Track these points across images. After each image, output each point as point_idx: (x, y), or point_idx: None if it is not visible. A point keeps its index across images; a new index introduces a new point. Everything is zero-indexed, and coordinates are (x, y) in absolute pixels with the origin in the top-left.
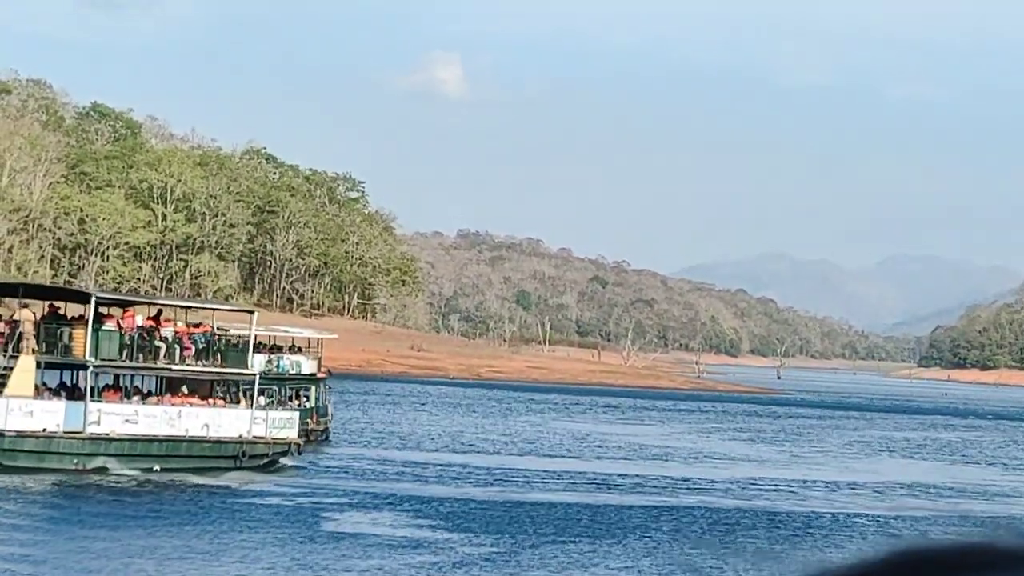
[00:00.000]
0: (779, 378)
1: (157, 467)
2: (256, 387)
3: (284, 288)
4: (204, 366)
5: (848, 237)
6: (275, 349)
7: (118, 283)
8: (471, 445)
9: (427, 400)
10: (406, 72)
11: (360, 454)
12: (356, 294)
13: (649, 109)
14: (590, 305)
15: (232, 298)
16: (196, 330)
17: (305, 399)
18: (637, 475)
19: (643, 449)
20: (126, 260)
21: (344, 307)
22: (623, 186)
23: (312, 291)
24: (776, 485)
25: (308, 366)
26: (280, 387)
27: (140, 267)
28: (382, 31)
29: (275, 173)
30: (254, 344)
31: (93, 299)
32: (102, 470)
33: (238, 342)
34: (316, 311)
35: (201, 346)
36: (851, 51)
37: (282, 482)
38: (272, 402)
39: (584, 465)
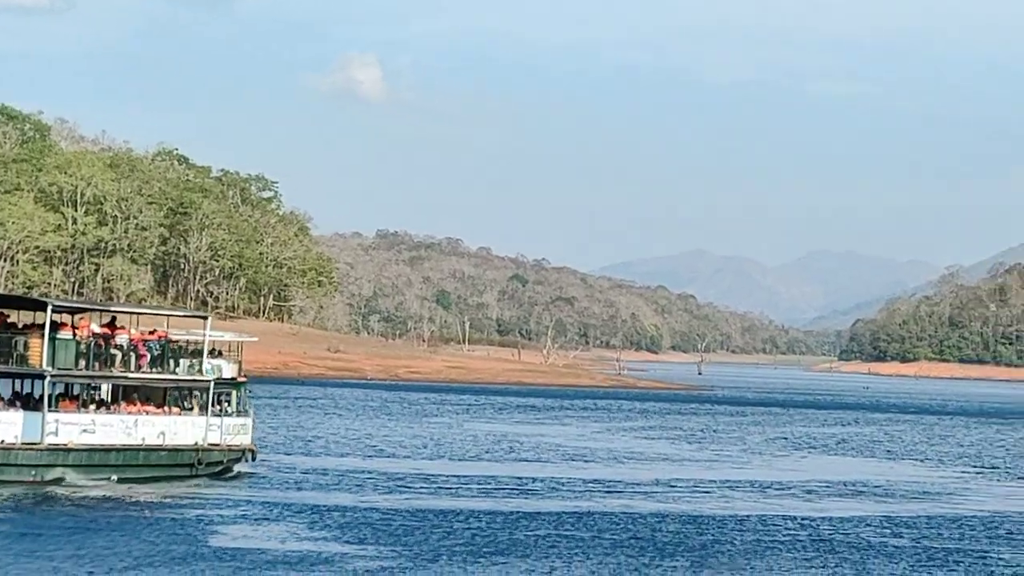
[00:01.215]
0: (700, 374)
1: (114, 477)
2: (211, 394)
3: (198, 291)
4: (158, 373)
5: (768, 233)
6: (196, 354)
7: (28, 288)
8: (380, 450)
9: (341, 403)
10: (323, 73)
11: (266, 459)
12: (272, 296)
13: (570, 109)
14: (510, 304)
15: (145, 302)
16: (151, 337)
17: (226, 404)
18: (554, 478)
19: (561, 450)
20: (36, 264)
21: (260, 309)
22: (542, 185)
23: (227, 293)
24: (699, 486)
25: (229, 370)
26: (202, 393)
27: (51, 271)
28: (299, 32)
29: (188, 174)
30: (176, 349)
31: (50, 307)
32: (59, 481)
33: (191, 348)
34: (231, 313)
35: (156, 353)
36: (773, 49)
37: (188, 493)
38: (193, 408)
39: (499, 468)
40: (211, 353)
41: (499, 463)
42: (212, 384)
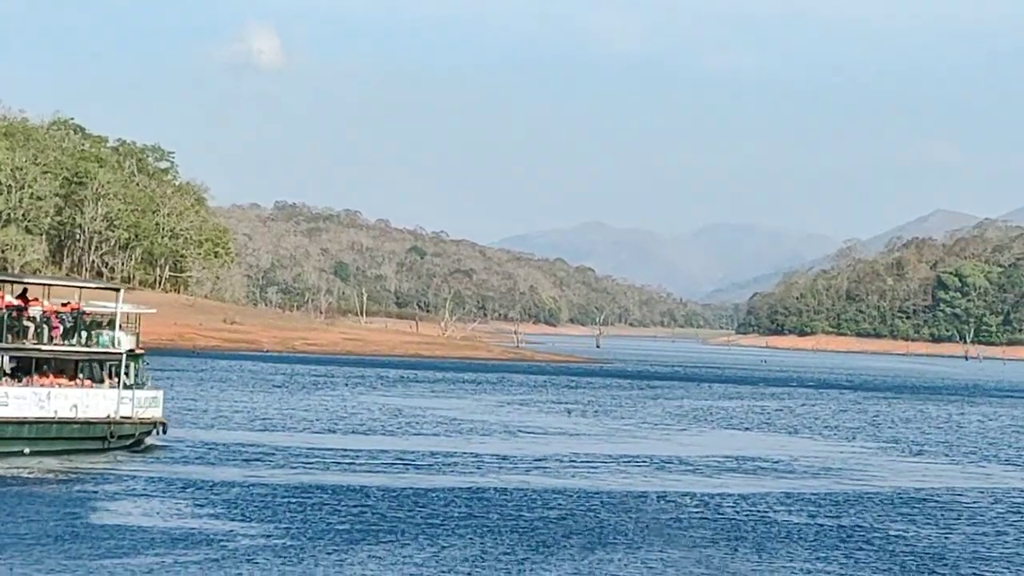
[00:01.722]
0: (598, 347)
1: (27, 450)
2: (123, 366)
3: (93, 261)
4: (71, 345)
5: (666, 206)
6: (95, 325)
7: None
8: (273, 423)
9: (235, 375)
10: (221, 43)
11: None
12: (167, 267)
13: (467, 81)
14: (409, 276)
15: (39, 272)
16: (63, 309)
17: (125, 376)
18: (448, 452)
19: (457, 424)
20: None
21: (155, 280)
22: (441, 157)
23: (122, 264)
24: (596, 461)
25: (127, 342)
26: (114, 365)
27: None
28: (196, 1)
29: (83, 144)
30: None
31: None
32: None
33: (103, 320)
34: (127, 284)
35: (68, 325)
36: (667, 22)
37: (84, 468)
38: (103, 381)
39: (392, 443)
40: (108, 325)
41: (393, 437)
42: (125, 356)
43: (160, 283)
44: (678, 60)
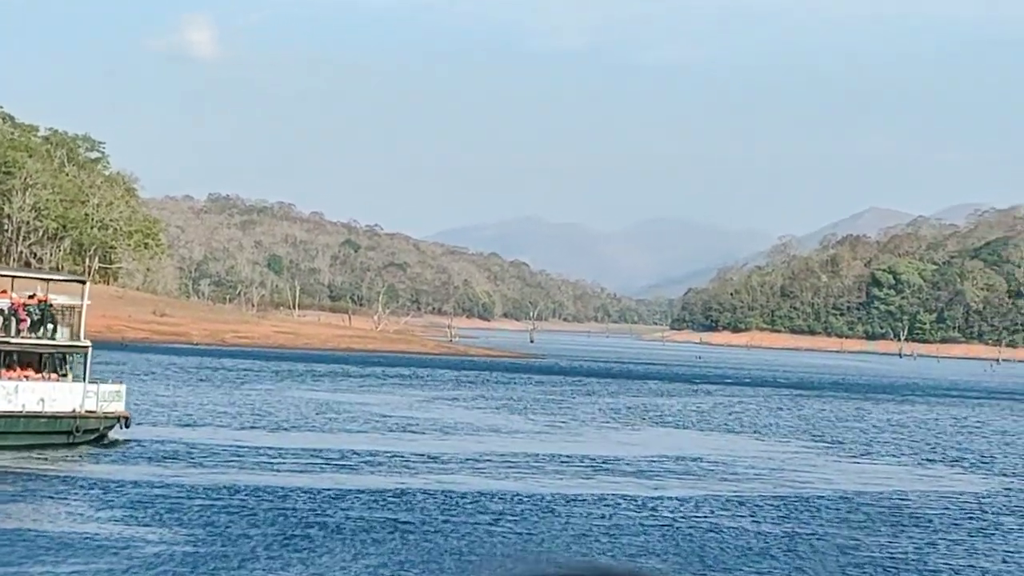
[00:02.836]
0: (532, 342)
1: None
2: (89, 360)
3: (21, 252)
4: (38, 338)
5: (602, 201)
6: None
7: None
8: (195, 419)
9: (160, 368)
10: (157, 33)
11: None
12: (97, 258)
13: (404, 74)
14: (342, 269)
15: None
16: (31, 301)
17: (79, 370)
18: (377, 451)
19: (387, 420)
20: None
21: (85, 271)
22: (376, 150)
23: (51, 255)
24: (529, 461)
25: (63, 335)
26: (77, 359)
27: None
28: None
29: (12, 133)
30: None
31: None
32: None
33: (68, 313)
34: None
35: (36, 318)
36: (605, 16)
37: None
38: (67, 374)
39: (319, 440)
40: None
41: (320, 434)
42: (90, 349)
43: (89, 274)
44: (615, 54)
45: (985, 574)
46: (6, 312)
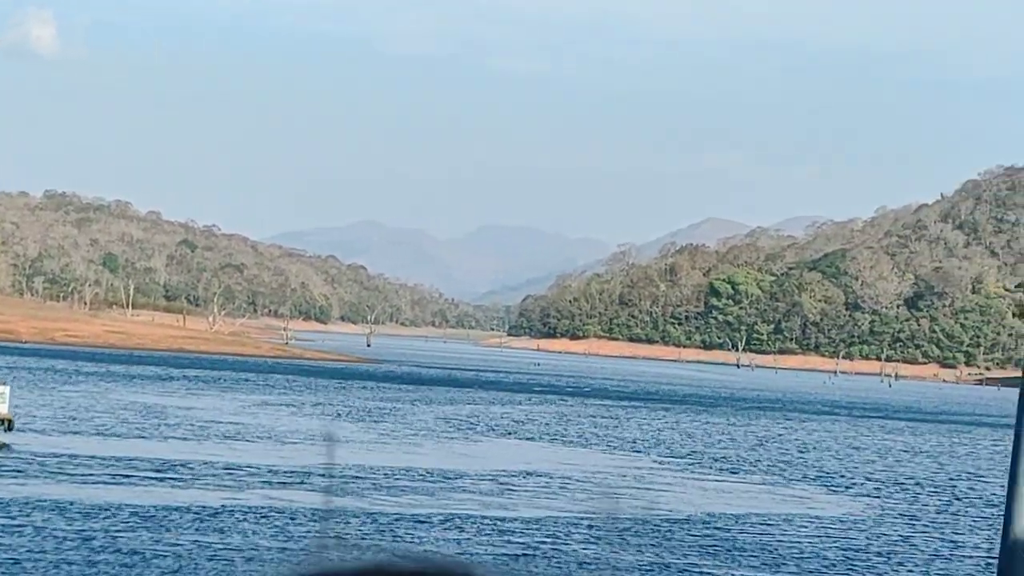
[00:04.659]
0: (369, 345)
1: None
2: None
3: None
4: None
5: (442, 207)
6: None
7: None
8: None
9: None
10: None
11: None
12: None
13: (249, 73)
14: (179, 269)
15: None
16: None
17: None
18: (202, 461)
19: (214, 427)
20: None
21: None
22: (216, 150)
23: None
24: (365, 475)
25: None
26: None
27: None
28: None
29: None
30: None
31: None
32: None
33: None
34: None
35: None
36: (455, 23)
37: None
38: None
39: (140, 448)
40: None
41: (142, 441)
42: None
43: None
44: (462, 61)
45: None
46: None
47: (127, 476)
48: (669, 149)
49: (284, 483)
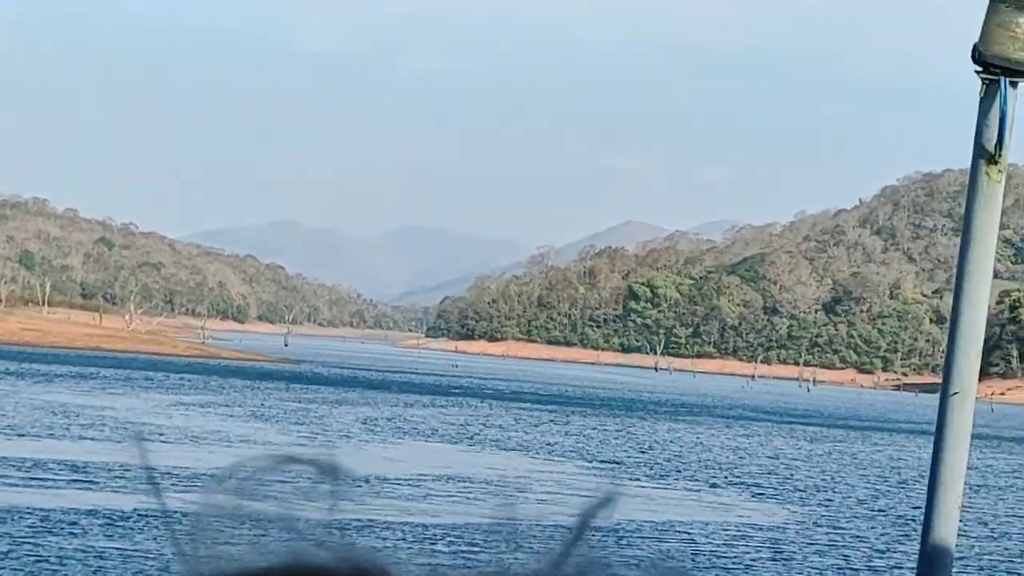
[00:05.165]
0: (286, 345)
1: None
2: None
3: None
4: None
5: (360, 206)
6: None
7: None
8: None
9: None
10: None
11: None
12: None
13: (159, 69)
14: (96, 267)
15: None
16: None
17: None
18: (116, 463)
19: (129, 428)
20: None
21: None
22: (132, 147)
23: None
24: (280, 477)
25: None
26: None
27: None
28: None
29: None
30: None
31: None
32: None
33: None
34: None
35: None
36: (366, 21)
37: None
38: None
39: (51, 449)
40: None
41: (54, 442)
42: None
43: None
44: (375, 60)
45: None
46: None
47: (36, 478)
48: (586, 151)
49: (198, 486)
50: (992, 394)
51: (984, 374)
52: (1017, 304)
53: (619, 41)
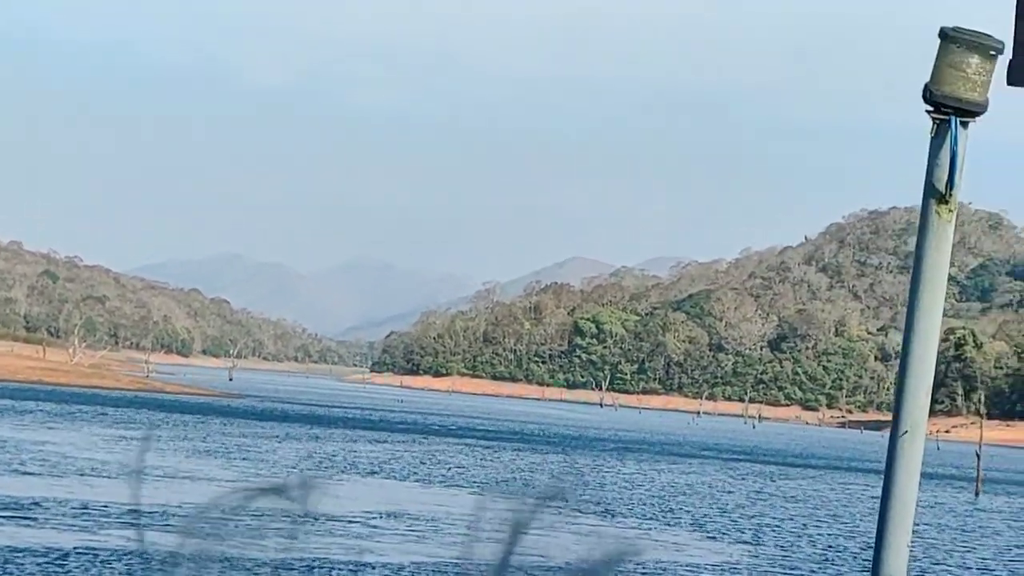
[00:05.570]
0: (231, 380)
1: None
2: None
3: None
4: None
5: (305, 241)
6: None
7: None
8: None
9: None
10: None
11: None
12: None
13: (105, 105)
14: (40, 300)
15: None
16: None
17: None
18: (56, 499)
19: (68, 462)
20: None
21: None
22: (77, 180)
23: None
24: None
25: None
26: None
27: None
28: None
29: None
30: None
31: None
32: None
33: None
34: None
35: None
36: (312, 55)
37: None
38: None
39: None
40: None
41: None
42: None
43: None
44: (323, 94)
45: None
46: None
47: None
48: (530, 188)
49: (139, 523)
50: (938, 431)
51: (930, 412)
52: (962, 342)
53: (566, 79)
